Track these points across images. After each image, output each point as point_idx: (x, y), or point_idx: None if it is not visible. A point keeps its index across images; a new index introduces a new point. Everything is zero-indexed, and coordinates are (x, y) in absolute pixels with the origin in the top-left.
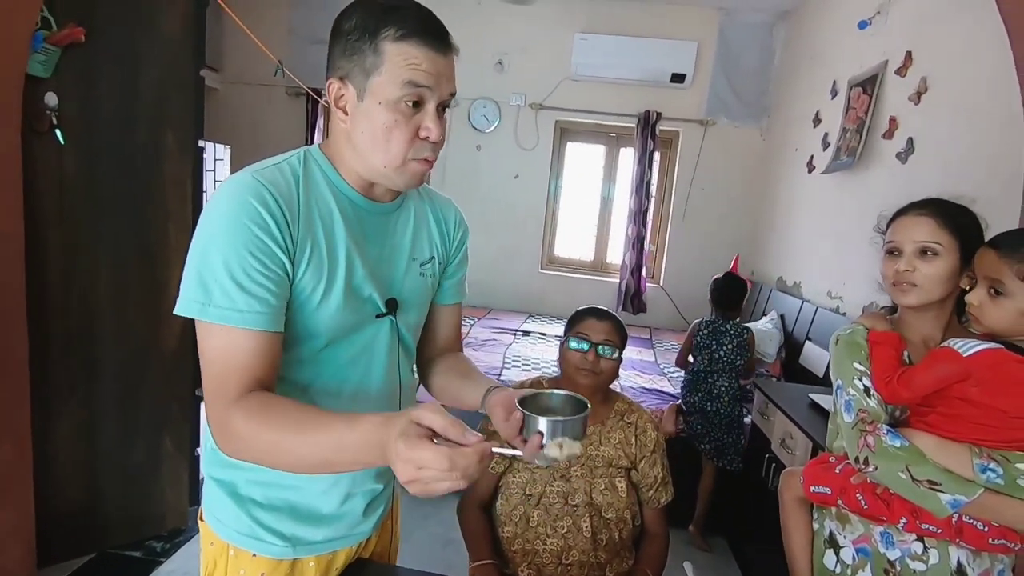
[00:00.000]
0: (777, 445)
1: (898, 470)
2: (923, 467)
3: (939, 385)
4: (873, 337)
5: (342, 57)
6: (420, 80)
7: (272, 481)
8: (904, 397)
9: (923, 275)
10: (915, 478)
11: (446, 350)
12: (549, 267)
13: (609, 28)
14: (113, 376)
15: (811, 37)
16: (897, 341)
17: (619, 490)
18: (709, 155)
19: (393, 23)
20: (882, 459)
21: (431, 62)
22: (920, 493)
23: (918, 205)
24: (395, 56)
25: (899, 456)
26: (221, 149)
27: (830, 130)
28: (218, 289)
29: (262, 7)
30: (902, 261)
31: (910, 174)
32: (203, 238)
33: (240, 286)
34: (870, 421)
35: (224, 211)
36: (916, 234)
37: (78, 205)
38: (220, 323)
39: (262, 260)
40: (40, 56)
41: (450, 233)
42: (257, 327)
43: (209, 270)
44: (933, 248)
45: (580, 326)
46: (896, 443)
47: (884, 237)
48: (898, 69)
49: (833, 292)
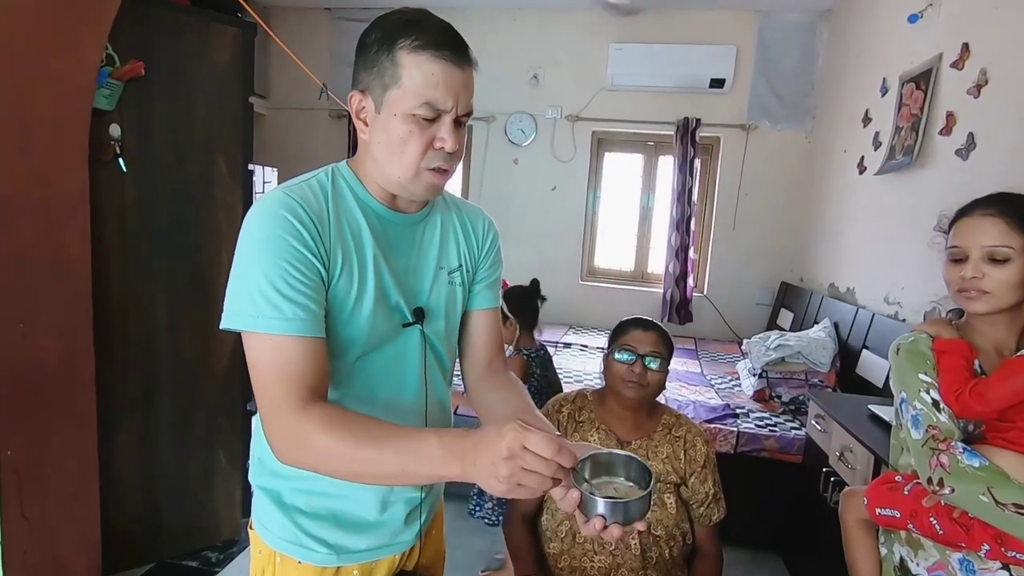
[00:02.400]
0: (835, 459)
1: (979, 492)
2: (1008, 489)
3: (1018, 398)
4: (939, 346)
5: (363, 70)
6: (437, 103)
7: (315, 490)
8: (977, 411)
9: (994, 281)
10: (999, 501)
11: (489, 363)
12: (589, 278)
13: (644, 37)
14: (169, 393)
15: (856, 34)
16: (967, 350)
17: (668, 506)
18: (753, 160)
19: (410, 34)
20: (959, 480)
21: (448, 76)
22: (1006, 518)
23: (984, 203)
24: (412, 69)
25: (979, 477)
26: (269, 172)
27: (881, 129)
28: (263, 300)
29: (306, 36)
30: (968, 267)
31: (972, 171)
32: (243, 254)
33: (283, 295)
34: (942, 438)
35: (260, 227)
36: (984, 238)
37: (137, 230)
38: (269, 332)
39: (300, 269)
40: (105, 91)
41: (479, 240)
42: (304, 333)
43: (252, 283)
44: (1004, 253)
45: (625, 337)
46: (975, 463)
47: (946, 238)
48: (954, 62)
49: (891, 298)
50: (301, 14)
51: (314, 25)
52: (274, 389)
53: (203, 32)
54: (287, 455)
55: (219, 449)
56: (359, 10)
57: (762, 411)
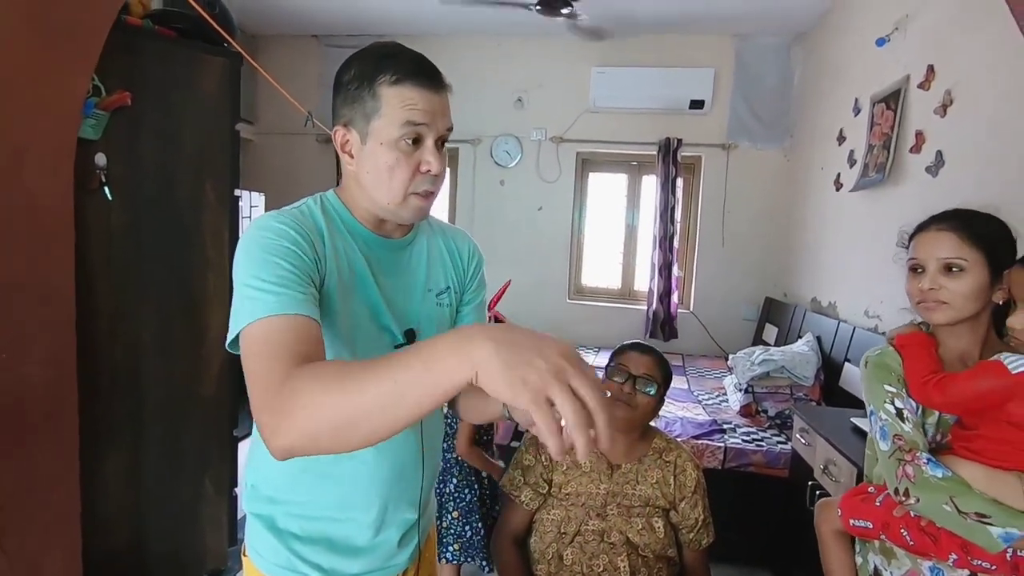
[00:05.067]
0: (819, 472)
1: (942, 502)
2: (970, 499)
3: (978, 398)
4: (899, 341)
5: (344, 106)
6: (417, 119)
7: (309, 514)
8: (936, 402)
9: (950, 292)
10: (961, 510)
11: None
12: (577, 297)
13: (625, 60)
14: (156, 420)
15: (829, 56)
16: (924, 338)
17: (657, 530)
18: (734, 178)
19: (388, 69)
20: (924, 490)
21: (426, 100)
22: (968, 527)
23: (939, 219)
24: (392, 99)
25: (942, 487)
26: (256, 196)
27: (855, 147)
28: (256, 293)
29: (294, 62)
30: (926, 279)
31: (941, 187)
32: (237, 268)
33: (271, 283)
34: (908, 449)
35: (252, 242)
36: (938, 250)
37: (124, 256)
38: (261, 316)
39: (289, 261)
40: (91, 120)
41: (464, 262)
42: (293, 311)
43: (244, 286)
44: (958, 264)
45: (621, 358)
46: (938, 473)
47: (908, 252)
48: (921, 83)
49: (870, 311)
50: (289, 41)
51: (302, 52)
52: (262, 370)
53: (190, 62)
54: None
55: (206, 476)
56: (346, 36)
57: (749, 426)
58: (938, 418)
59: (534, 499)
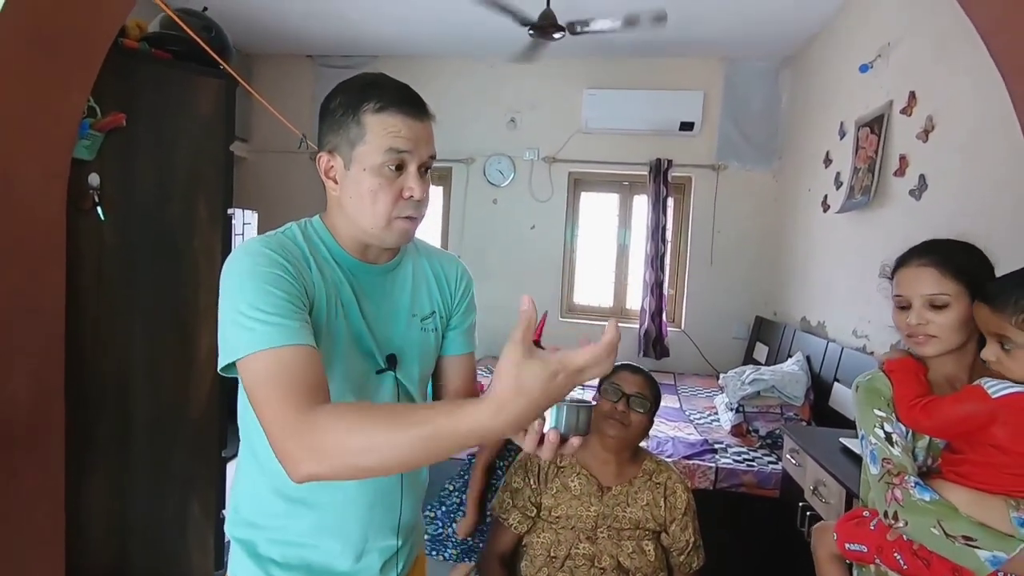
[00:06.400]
0: (810, 493)
1: (930, 525)
2: (956, 522)
3: (963, 422)
4: (888, 366)
5: (329, 132)
6: (400, 146)
7: (289, 540)
8: (924, 425)
9: (937, 326)
10: (948, 534)
11: None
12: (569, 315)
13: (616, 83)
14: (143, 440)
15: (815, 81)
16: (913, 364)
17: (647, 553)
18: (724, 199)
19: (372, 97)
20: (912, 513)
21: (409, 128)
22: (956, 550)
23: (918, 253)
24: (376, 126)
25: (929, 510)
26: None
27: (841, 170)
28: (252, 323)
29: (289, 82)
30: (913, 315)
31: (925, 210)
32: (228, 293)
33: (269, 313)
34: (896, 472)
35: (240, 266)
36: (921, 287)
37: (115, 276)
38: (262, 348)
39: (283, 289)
40: (86, 141)
41: (451, 287)
42: (297, 342)
43: (240, 314)
44: (943, 300)
45: (614, 377)
46: (925, 496)
47: (891, 284)
48: (903, 109)
49: (859, 331)
50: (284, 61)
51: (296, 72)
52: (276, 401)
53: (185, 84)
54: (302, 466)
55: (193, 497)
56: (340, 57)
57: (740, 446)
58: (928, 442)
59: (523, 522)
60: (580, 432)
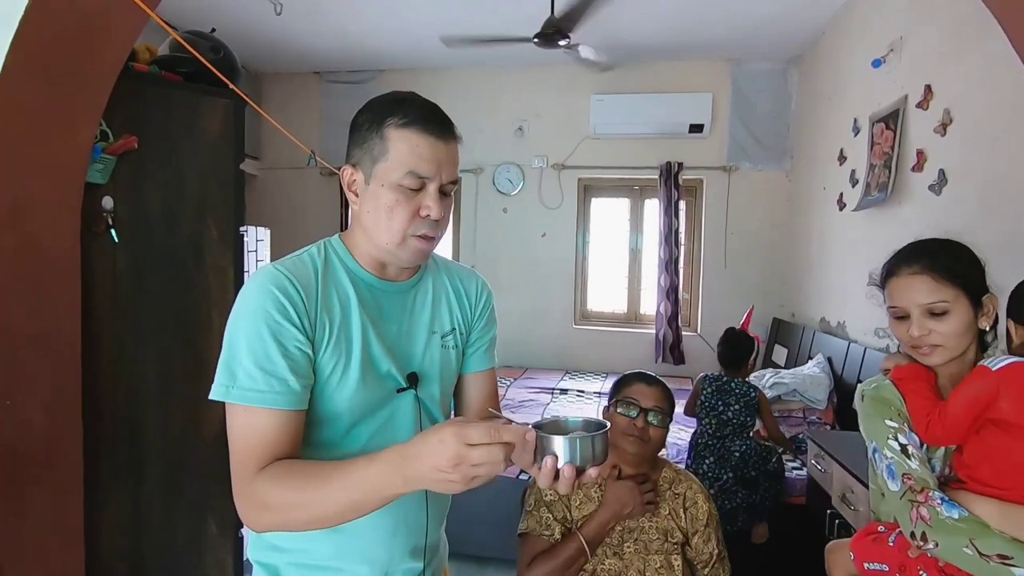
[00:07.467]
0: (838, 500)
1: (962, 545)
2: (990, 539)
3: (972, 406)
4: (897, 374)
5: (355, 146)
6: (421, 171)
7: (313, 564)
8: (944, 437)
9: (940, 335)
10: (982, 553)
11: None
12: (583, 322)
13: (623, 88)
14: (159, 462)
15: (825, 79)
16: (923, 371)
17: (675, 568)
18: (736, 200)
19: (398, 112)
20: (941, 534)
21: (432, 149)
22: (992, 570)
23: (907, 260)
24: (399, 143)
25: (960, 529)
26: (261, 232)
27: (857, 167)
28: (242, 372)
29: (298, 98)
30: (913, 326)
31: (946, 205)
32: (231, 327)
33: (261, 368)
34: (919, 489)
35: (248, 301)
36: (917, 296)
37: (128, 298)
38: (243, 404)
39: (281, 343)
40: (98, 165)
41: (471, 303)
42: (276, 406)
43: (234, 356)
44: (940, 307)
45: (628, 391)
46: (955, 514)
47: (882, 293)
48: (919, 103)
49: (881, 331)
50: (292, 78)
51: (305, 88)
52: (241, 457)
53: (195, 105)
54: (252, 520)
55: (209, 517)
56: (347, 72)
57: None
58: (945, 451)
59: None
60: (597, 462)
